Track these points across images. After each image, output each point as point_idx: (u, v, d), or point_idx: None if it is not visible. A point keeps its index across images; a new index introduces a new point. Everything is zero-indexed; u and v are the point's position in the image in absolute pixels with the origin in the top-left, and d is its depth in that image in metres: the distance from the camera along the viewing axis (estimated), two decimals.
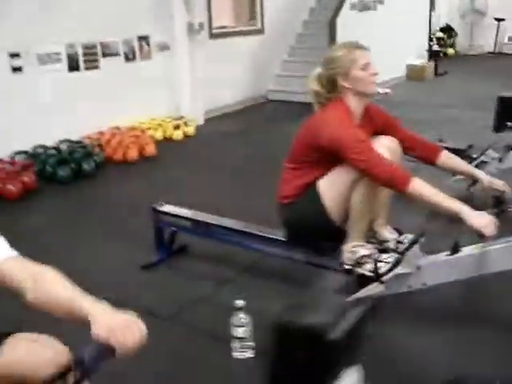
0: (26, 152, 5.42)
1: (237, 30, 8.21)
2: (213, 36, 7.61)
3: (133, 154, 5.65)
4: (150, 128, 6.40)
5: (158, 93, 6.79)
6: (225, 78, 7.54)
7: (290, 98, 8.10)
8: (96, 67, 6.09)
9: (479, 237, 2.41)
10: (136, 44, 6.51)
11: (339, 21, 8.07)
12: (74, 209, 4.56)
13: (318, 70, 2.81)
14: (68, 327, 1.41)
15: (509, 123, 4.59)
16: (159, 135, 6.38)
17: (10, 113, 5.30)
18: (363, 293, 2.60)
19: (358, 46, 2.74)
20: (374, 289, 2.60)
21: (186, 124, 6.70)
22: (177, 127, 6.58)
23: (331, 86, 2.74)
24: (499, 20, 12.92)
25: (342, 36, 8.04)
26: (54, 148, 5.54)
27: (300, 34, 9.21)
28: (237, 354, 2.49)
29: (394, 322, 2.68)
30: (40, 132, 5.53)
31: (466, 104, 7.81)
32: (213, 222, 3.20)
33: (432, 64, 10.47)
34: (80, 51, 5.90)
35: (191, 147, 6.29)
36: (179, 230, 3.36)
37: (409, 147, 2.92)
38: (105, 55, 6.16)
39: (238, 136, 6.44)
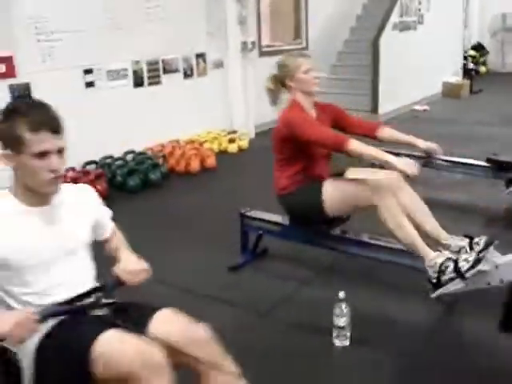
0: (96, 162, 5.76)
1: (283, 48, 8.53)
2: (262, 54, 7.95)
3: (195, 165, 5.97)
4: (206, 141, 6.73)
5: (213, 107, 7.14)
6: None
7: None
8: (158, 83, 6.44)
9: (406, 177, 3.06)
10: (194, 61, 6.85)
11: (382, 40, 8.35)
12: (147, 216, 4.84)
13: (274, 72, 3.42)
14: None
15: None
16: (215, 148, 6.70)
17: (82, 124, 5.64)
18: (447, 289, 2.85)
19: (302, 55, 3.43)
20: (456, 285, 2.84)
21: (239, 138, 7.03)
22: (232, 140, 6.91)
23: (281, 85, 3.39)
24: None
25: (384, 55, 8.37)
26: (121, 159, 5.88)
27: (340, 53, 9.52)
28: (337, 342, 2.76)
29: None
30: (108, 143, 5.86)
31: (502, 121, 8.03)
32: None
33: (467, 82, 10.71)
34: (145, 68, 6.25)
35: (246, 159, 6.61)
36: (265, 234, 3.65)
37: (354, 128, 3.52)
38: (166, 71, 6.50)
39: None
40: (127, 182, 5.42)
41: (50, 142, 1.77)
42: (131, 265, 1.98)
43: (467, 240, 3.06)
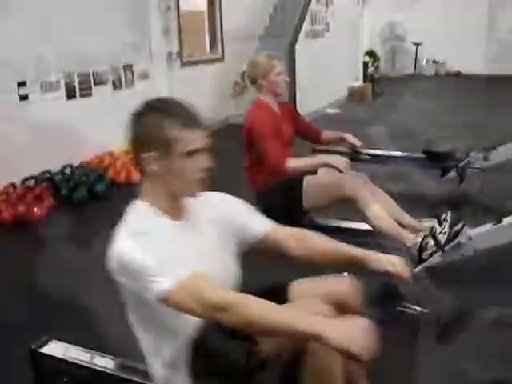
0: (35, 177, 5.61)
1: (202, 58, 8.71)
2: (183, 64, 8.07)
3: (136, 175, 5.96)
4: None
5: None
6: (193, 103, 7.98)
7: None
8: (89, 94, 6.39)
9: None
10: (122, 72, 6.85)
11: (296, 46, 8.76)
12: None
13: (244, 68, 3.73)
14: None
15: None
16: None
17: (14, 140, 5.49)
18: (428, 263, 3.07)
19: (274, 57, 3.56)
20: (436, 258, 3.07)
21: None
22: None
23: (252, 82, 3.61)
24: (417, 44, 14.18)
25: (298, 61, 8.76)
26: (61, 173, 5.76)
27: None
28: None
29: None
30: (43, 157, 5.72)
31: (414, 119, 8.65)
32: None
33: (369, 85, 11.41)
34: (76, 80, 6.19)
35: None
36: None
37: (304, 130, 3.82)
38: (96, 83, 6.47)
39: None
40: (73, 195, 5.35)
41: (201, 140, 1.69)
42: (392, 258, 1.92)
43: (435, 220, 3.29)
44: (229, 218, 1.88)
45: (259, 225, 1.93)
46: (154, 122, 1.67)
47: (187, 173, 1.68)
